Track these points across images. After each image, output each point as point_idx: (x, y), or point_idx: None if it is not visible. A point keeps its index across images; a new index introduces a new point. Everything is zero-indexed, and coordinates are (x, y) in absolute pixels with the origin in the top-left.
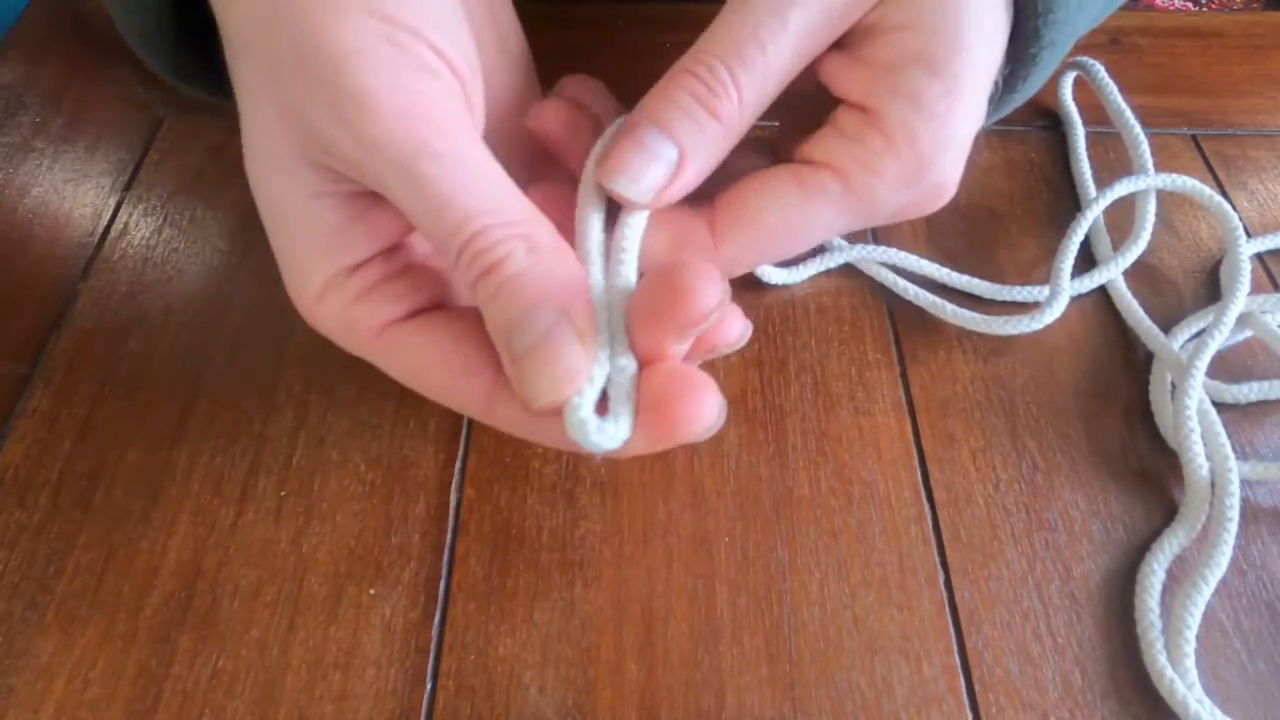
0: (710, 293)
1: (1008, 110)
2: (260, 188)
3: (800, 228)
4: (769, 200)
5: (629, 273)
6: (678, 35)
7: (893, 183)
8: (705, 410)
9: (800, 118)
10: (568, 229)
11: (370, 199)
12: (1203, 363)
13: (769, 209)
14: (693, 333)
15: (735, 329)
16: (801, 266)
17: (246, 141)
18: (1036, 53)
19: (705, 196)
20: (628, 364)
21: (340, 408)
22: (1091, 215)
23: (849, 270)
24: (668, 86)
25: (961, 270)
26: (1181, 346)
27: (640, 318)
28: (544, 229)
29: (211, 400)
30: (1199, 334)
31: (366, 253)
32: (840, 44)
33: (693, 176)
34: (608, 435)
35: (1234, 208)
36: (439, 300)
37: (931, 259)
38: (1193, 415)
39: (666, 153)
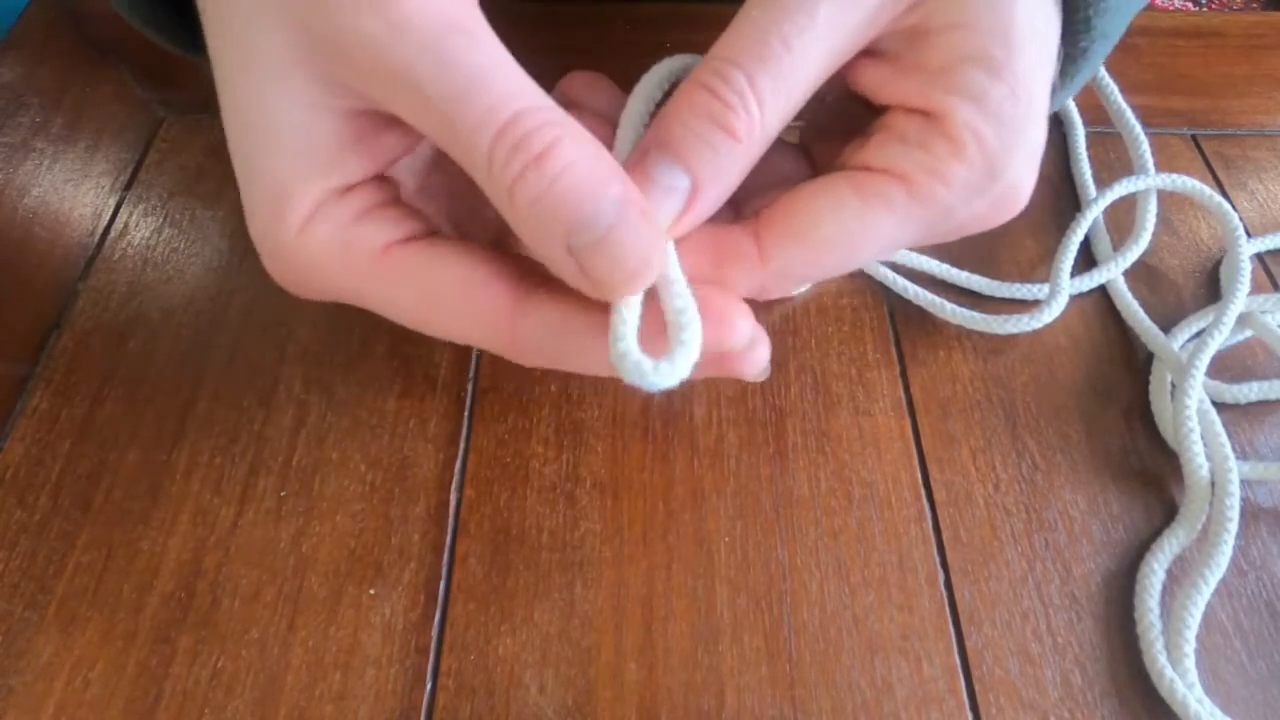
0: (741, 327)
1: (1054, 108)
2: (245, 105)
3: (859, 240)
4: (824, 210)
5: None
6: (678, 35)
7: (961, 189)
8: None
9: (830, 123)
10: None
11: (369, 119)
12: (1203, 363)
13: (824, 220)
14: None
15: (759, 363)
16: None
17: (229, 60)
18: (1088, 45)
19: (740, 204)
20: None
21: (340, 408)
22: (1091, 215)
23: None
24: (679, 106)
25: (961, 268)
26: (1181, 346)
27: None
28: (573, 120)
29: (211, 400)
30: (1199, 334)
31: (361, 173)
32: (878, 49)
33: (710, 203)
34: (664, 374)
35: (1234, 208)
36: (432, 233)
37: (932, 257)
38: (1193, 415)
39: (678, 183)
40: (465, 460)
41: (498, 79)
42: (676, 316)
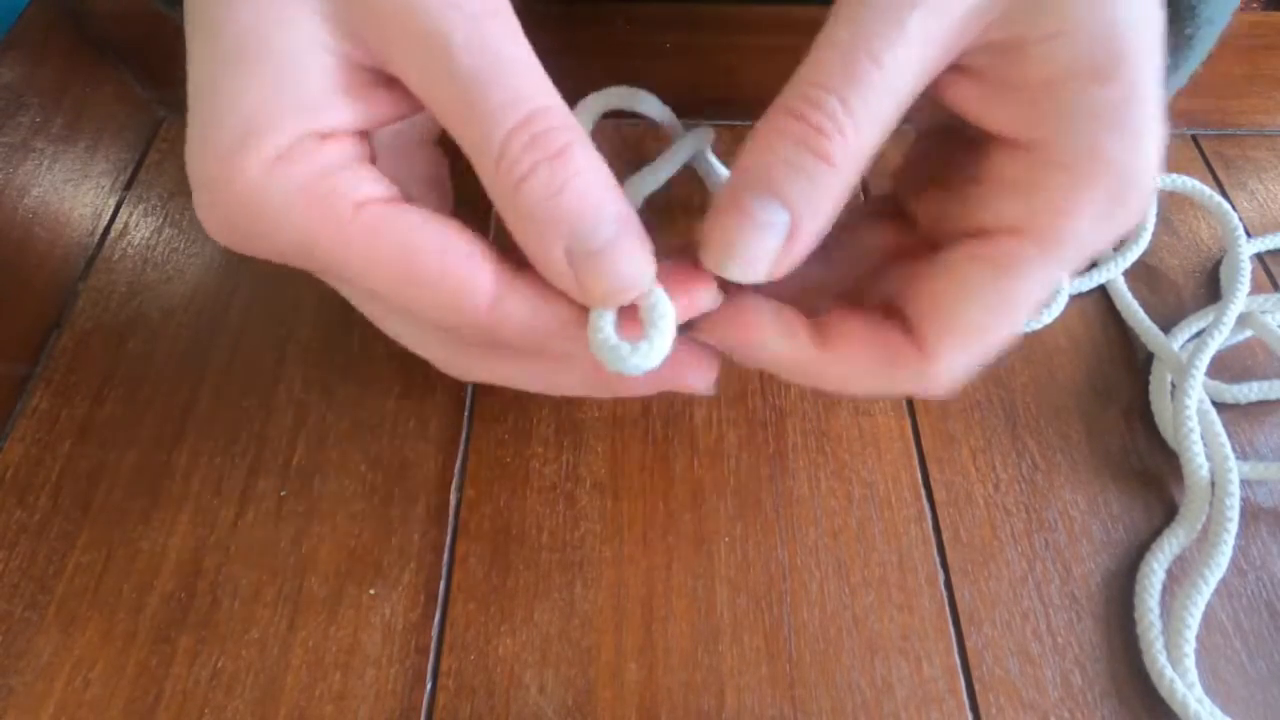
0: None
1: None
2: (231, 24)
3: (1008, 313)
4: (969, 297)
5: None
6: (678, 35)
7: (1092, 217)
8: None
9: (925, 168)
10: None
11: (367, 74)
12: (1203, 363)
13: (971, 308)
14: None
15: (707, 379)
16: None
17: None
18: (1193, 32)
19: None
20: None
21: (340, 408)
22: None
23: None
24: (766, 134)
25: None
26: (1181, 346)
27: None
28: (584, 132)
29: (211, 400)
30: (1199, 334)
31: (344, 123)
32: (968, 65)
33: (811, 239)
34: (643, 355)
35: (1234, 208)
36: (408, 200)
37: None
38: (1193, 415)
39: (777, 219)
40: (465, 460)
41: (525, 73)
42: (649, 300)
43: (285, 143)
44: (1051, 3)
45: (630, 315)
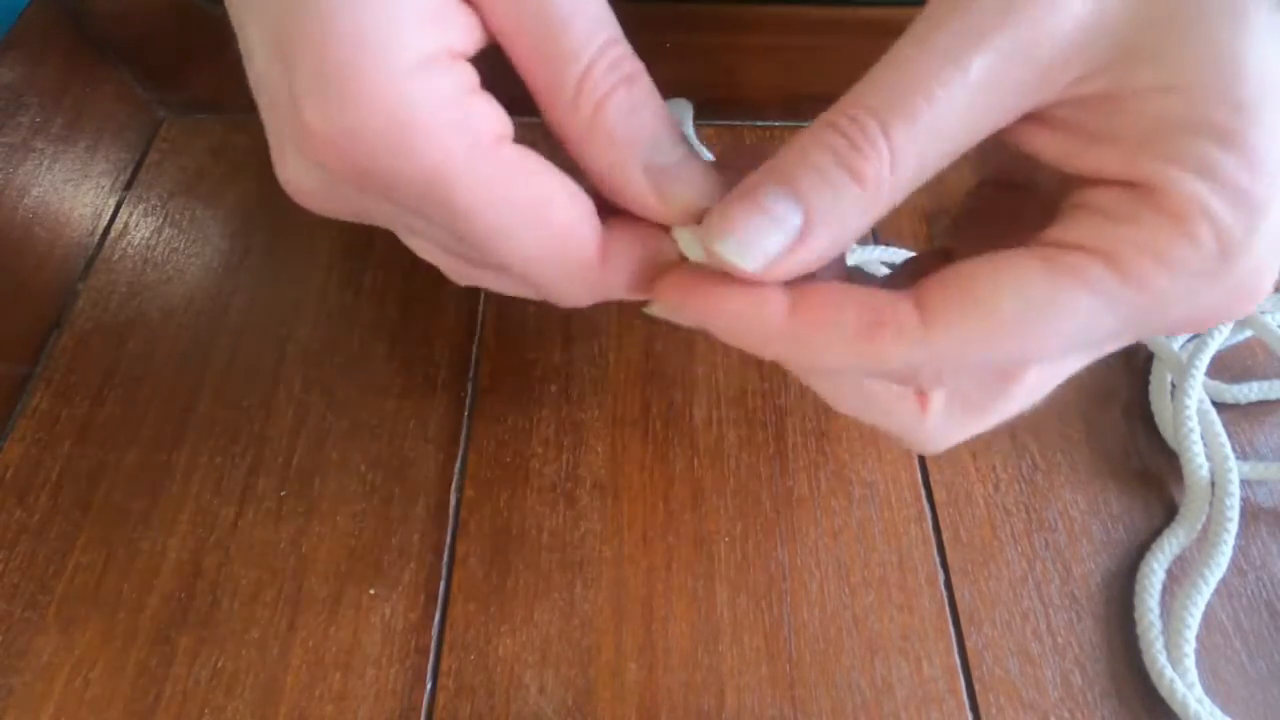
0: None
1: None
2: None
3: (1046, 324)
4: (1006, 283)
5: None
6: (678, 35)
7: (1186, 276)
8: None
9: (984, 217)
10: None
11: (467, 2)
12: (1202, 363)
13: (1005, 295)
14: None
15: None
16: None
17: None
18: None
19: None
20: None
21: (340, 408)
22: None
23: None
24: (804, 141)
25: None
26: (1181, 346)
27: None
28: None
29: (211, 400)
30: (1199, 334)
31: (465, 42)
32: (1055, 117)
33: (818, 249)
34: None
35: None
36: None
37: None
38: (1192, 415)
39: (788, 217)
40: (465, 460)
41: (601, 5)
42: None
43: (422, 53)
44: (1163, 51)
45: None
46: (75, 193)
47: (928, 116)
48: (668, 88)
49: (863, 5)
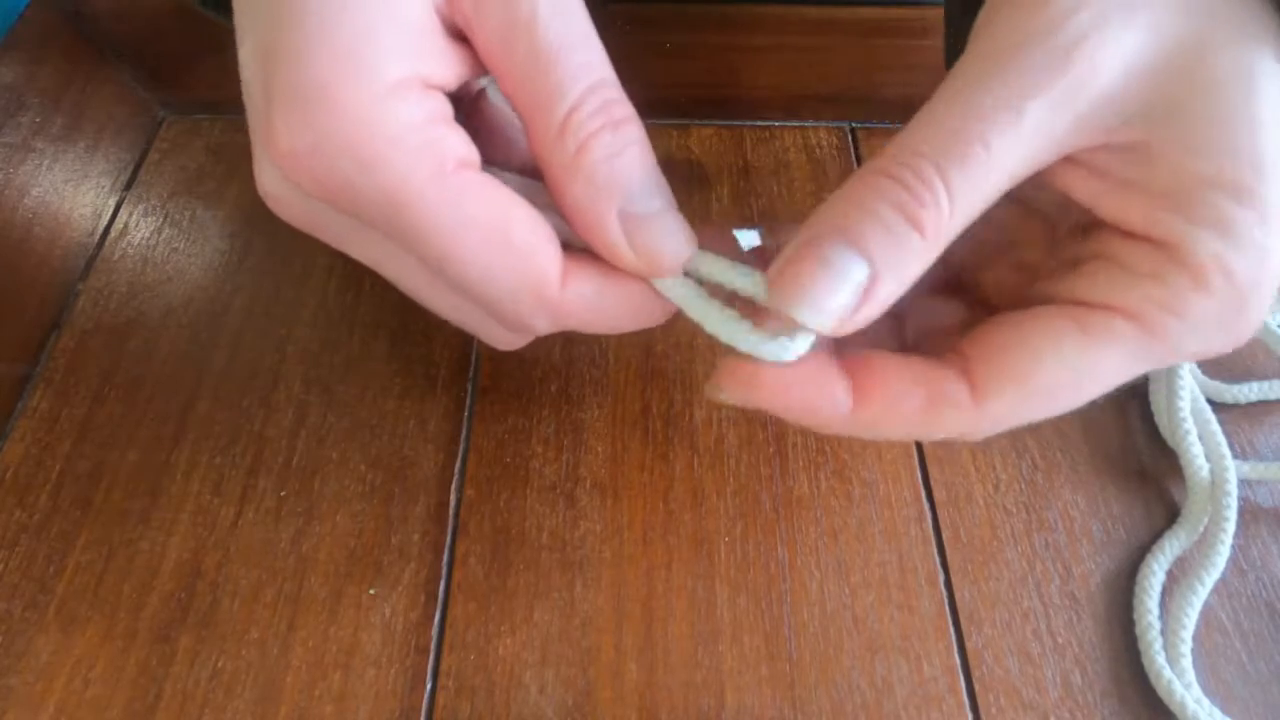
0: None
1: None
2: None
3: (1083, 381)
4: (1045, 350)
5: None
6: (678, 35)
7: (1202, 325)
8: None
9: (984, 239)
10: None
11: (451, 33)
12: (1187, 362)
13: (1045, 360)
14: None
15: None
16: None
17: None
18: None
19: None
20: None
21: (340, 408)
22: None
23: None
24: (860, 191)
25: None
26: None
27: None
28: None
29: (211, 400)
30: None
31: (445, 74)
32: (1086, 161)
33: (885, 300)
34: (785, 347)
35: None
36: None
37: None
38: (1186, 416)
39: (856, 272)
40: (465, 460)
41: (594, 46)
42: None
43: (397, 77)
44: (1185, 111)
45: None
46: (75, 193)
47: (985, 161)
48: (668, 88)
49: (862, 5)
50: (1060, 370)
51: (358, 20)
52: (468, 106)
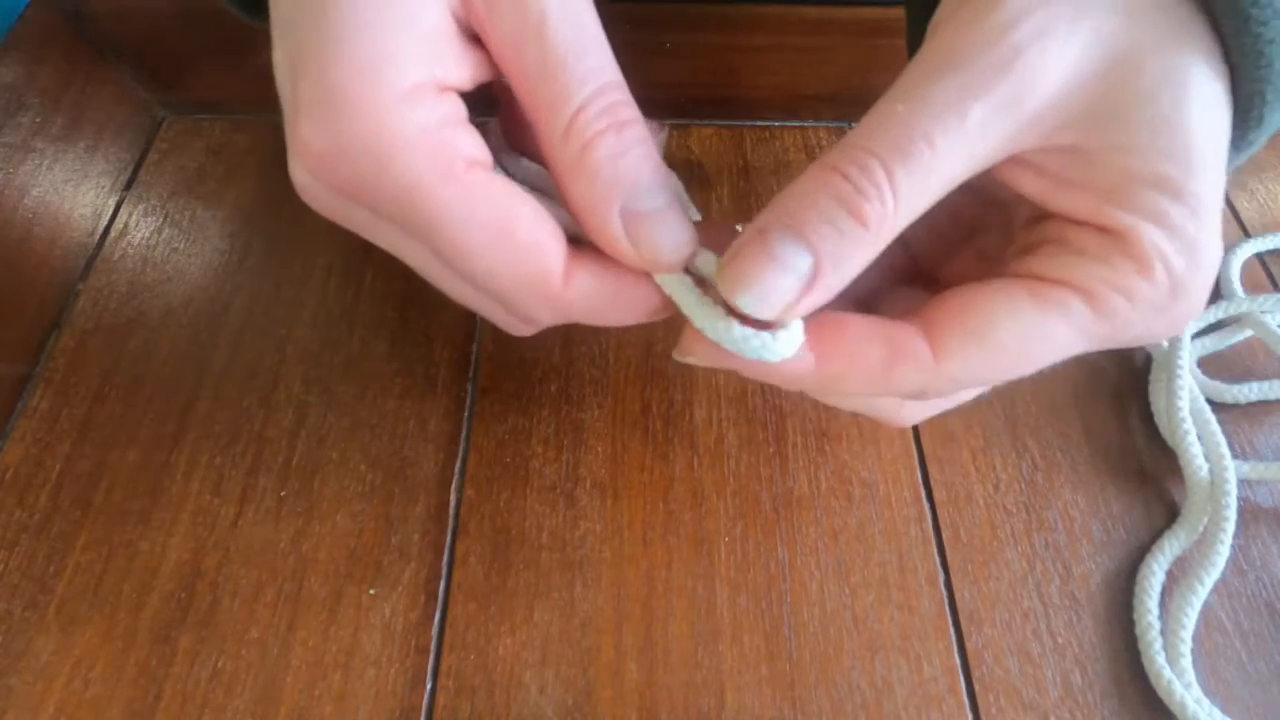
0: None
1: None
2: None
3: (1034, 348)
4: (1002, 314)
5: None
6: (678, 35)
7: (1145, 308)
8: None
9: (945, 230)
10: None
11: (466, 36)
12: (1185, 361)
13: (1002, 324)
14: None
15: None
16: None
17: None
18: (1256, 138)
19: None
20: None
21: (340, 408)
22: None
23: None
24: (806, 185)
25: None
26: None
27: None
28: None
29: (211, 400)
30: (1198, 334)
31: (459, 77)
32: (1032, 161)
33: (829, 290)
34: (783, 342)
35: (1234, 207)
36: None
37: None
38: (1186, 416)
39: (799, 263)
40: (465, 460)
41: (602, 50)
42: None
43: (411, 84)
44: (1122, 115)
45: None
46: (75, 193)
47: (929, 159)
48: (668, 88)
49: (862, 5)
50: (1014, 333)
51: (378, 30)
52: (505, 95)
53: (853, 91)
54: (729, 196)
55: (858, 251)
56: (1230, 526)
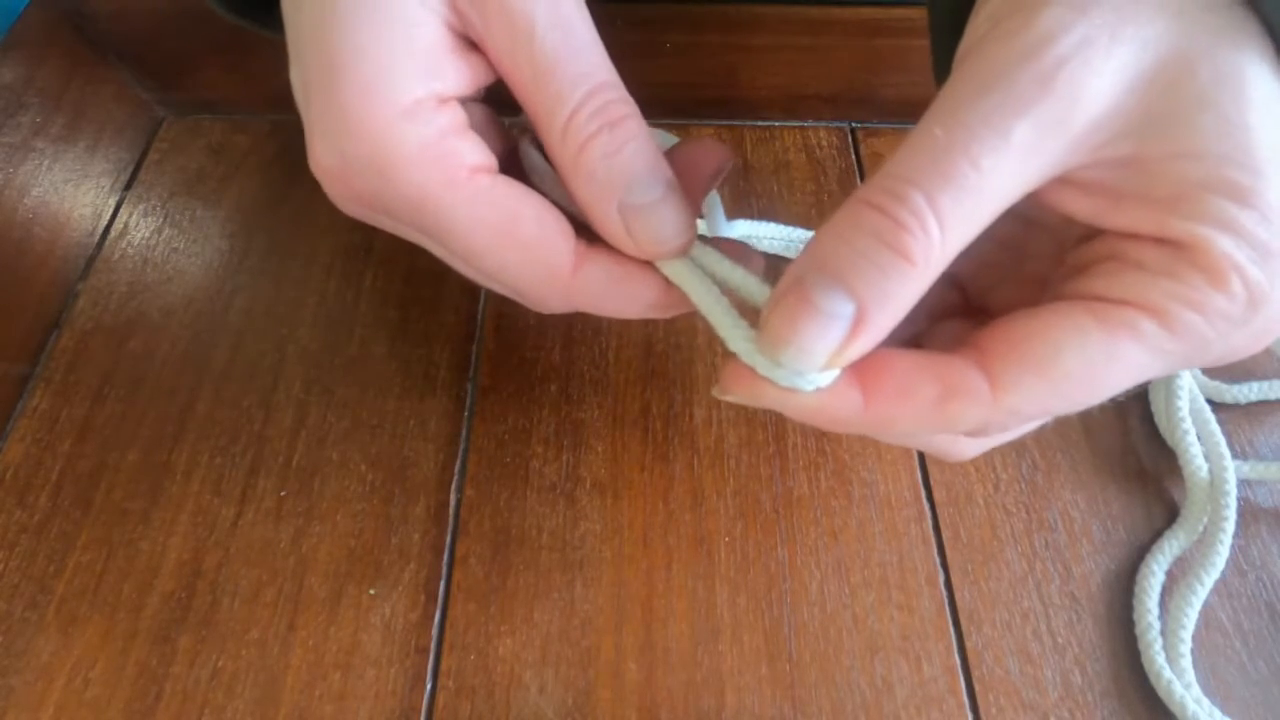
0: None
1: None
2: None
3: (1104, 373)
4: (1065, 340)
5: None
6: (678, 35)
7: (1222, 322)
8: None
9: (990, 256)
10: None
11: (461, 39)
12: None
13: (1067, 351)
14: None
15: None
16: None
17: None
18: None
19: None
20: None
21: (340, 408)
22: None
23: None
24: (841, 224)
25: None
26: None
27: None
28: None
29: (211, 400)
30: None
31: (454, 88)
32: (1082, 178)
33: (878, 331)
34: (804, 377)
35: None
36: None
37: None
38: (1186, 416)
39: (842, 309)
40: (465, 460)
41: (593, 52)
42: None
43: (411, 100)
44: (1180, 120)
45: None
46: (75, 193)
47: (975, 182)
48: (668, 88)
49: (862, 5)
50: (1080, 359)
51: (376, 52)
52: None
53: (853, 91)
54: (729, 196)
55: (905, 289)
56: (1230, 526)
